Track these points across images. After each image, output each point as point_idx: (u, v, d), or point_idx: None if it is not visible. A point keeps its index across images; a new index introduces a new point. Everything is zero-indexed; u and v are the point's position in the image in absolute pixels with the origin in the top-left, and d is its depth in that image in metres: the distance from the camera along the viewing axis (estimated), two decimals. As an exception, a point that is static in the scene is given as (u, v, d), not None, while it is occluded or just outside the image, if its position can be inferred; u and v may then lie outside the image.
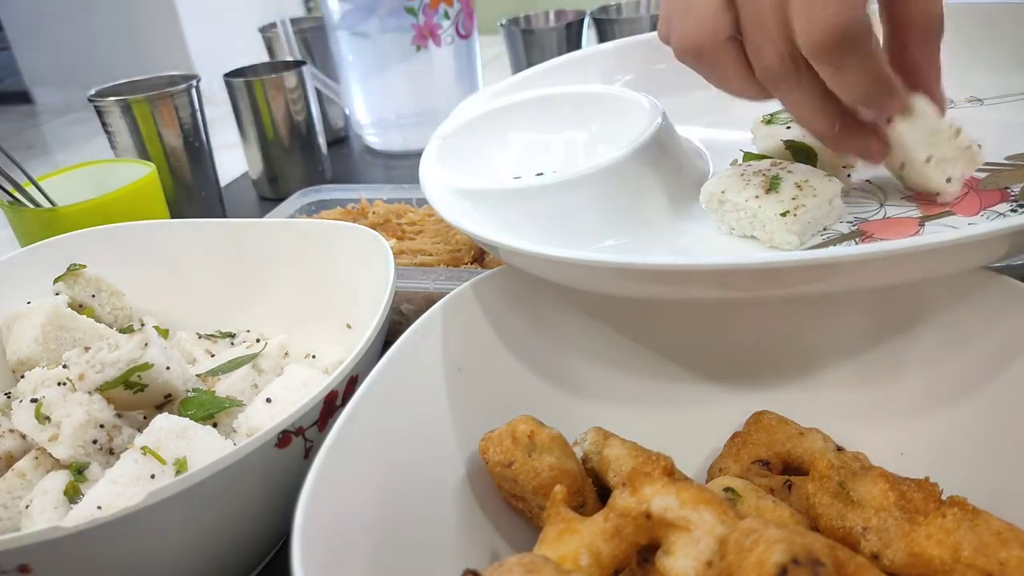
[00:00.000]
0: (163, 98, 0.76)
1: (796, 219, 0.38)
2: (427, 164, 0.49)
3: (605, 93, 0.52)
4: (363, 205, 0.70)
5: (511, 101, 0.54)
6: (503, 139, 0.53)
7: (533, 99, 0.54)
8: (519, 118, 0.53)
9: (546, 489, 0.32)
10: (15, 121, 3.19)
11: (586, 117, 0.52)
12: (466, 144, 0.52)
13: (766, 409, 0.39)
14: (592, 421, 0.38)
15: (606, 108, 0.51)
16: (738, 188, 0.41)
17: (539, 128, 0.53)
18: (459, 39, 0.95)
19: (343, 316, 0.50)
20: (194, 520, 0.32)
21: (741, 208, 0.40)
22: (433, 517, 0.34)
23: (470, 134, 0.52)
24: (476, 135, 0.52)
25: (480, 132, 0.53)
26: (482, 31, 1.01)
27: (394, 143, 1.01)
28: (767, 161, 0.43)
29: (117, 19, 3.05)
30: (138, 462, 0.35)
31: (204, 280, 0.55)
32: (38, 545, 0.28)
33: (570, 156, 0.51)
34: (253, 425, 0.39)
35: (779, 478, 0.34)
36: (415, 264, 0.61)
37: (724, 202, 0.41)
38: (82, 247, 0.53)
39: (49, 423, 0.38)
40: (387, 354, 0.35)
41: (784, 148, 0.44)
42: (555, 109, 0.53)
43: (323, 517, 0.28)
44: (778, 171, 0.41)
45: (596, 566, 0.27)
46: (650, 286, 0.36)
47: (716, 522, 0.26)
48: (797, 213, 0.38)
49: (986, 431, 0.35)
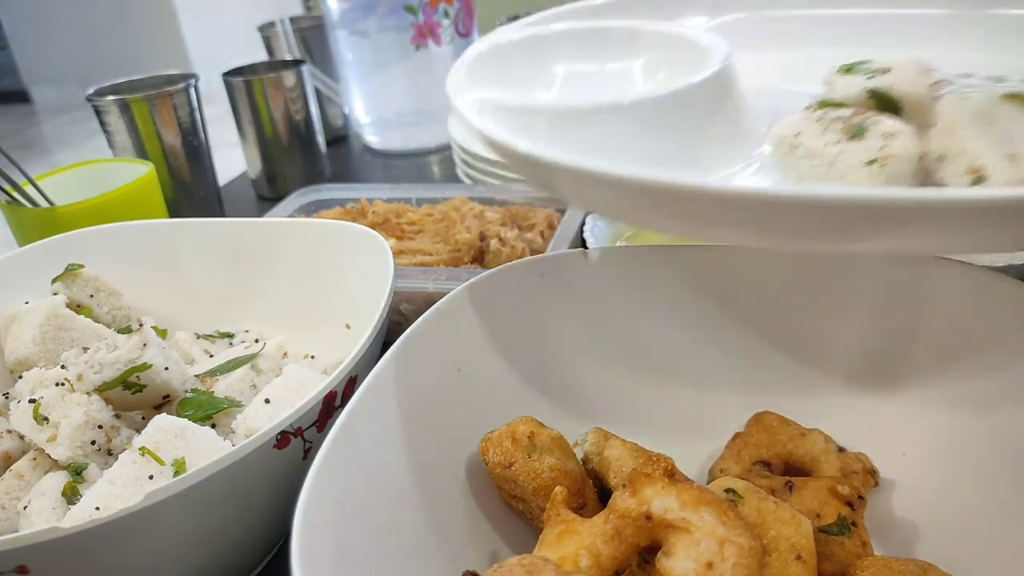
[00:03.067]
0: (161, 97, 0.76)
1: (883, 169, 0.34)
2: (457, 78, 0.43)
3: (665, 31, 0.48)
4: (362, 205, 0.70)
5: (556, 29, 0.49)
6: (545, 68, 0.48)
7: (582, 30, 0.49)
8: (565, 48, 0.48)
9: (546, 490, 0.32)
10: (13, 120, 3.19)
11: (640, 54, 0.47)
12: (503, 66, 0.46)
13: (767, 410, 0.39)
14: (592, 422, 0.38)
15: (664, 46, 0.47)
16: (815, 132, 0.37)
17: (587, 61, 0.48)
18: (459, 38, 0.95)
19: (342, 316, 0.50)
20: (193, 521, 0.32)
21: (818, 154, 0.36)
22: (433, 517, 0.34)
23: (508, 57, 0.47)
24: (515, 59, 0.47)
25: (519, 57, 0.47)
26: (482, 30, 1.01)
27: (393, 142, 1.01)
28: (847, 109, 0.38)
29: (116, 18, 3.05)
30: (136, 463, 0.35)
31: (203, 280, 0.54)
32: (36, 546, 0.28)
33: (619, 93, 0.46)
34: (252, 426, 0.39)
35: (780, 479, 0.34)
36: (415, 264, 0.61)
37: (797, 147, 0.37)
38: (80, 247, 0.53)
39: (47, 424, 0.38)
40: (387, 354, 0.35)
41: (867, 97, 0.39)
42: (607, 43, 0.48)
43: (323, 518, 0.27)
44: (863, 119, 0.37)
45: (596, 567, 0.27)
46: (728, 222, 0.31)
47: (717, 523, 0.26)
48: (886, 163, 0.34)
49: (987, 431, 0.35)
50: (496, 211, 0.66)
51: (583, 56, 0.48)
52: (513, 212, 0.66)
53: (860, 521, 0.33)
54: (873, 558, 0.31)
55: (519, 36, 0.48)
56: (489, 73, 0.44)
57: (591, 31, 0.49)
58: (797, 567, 0.29)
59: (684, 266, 0.41)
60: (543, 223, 0.64)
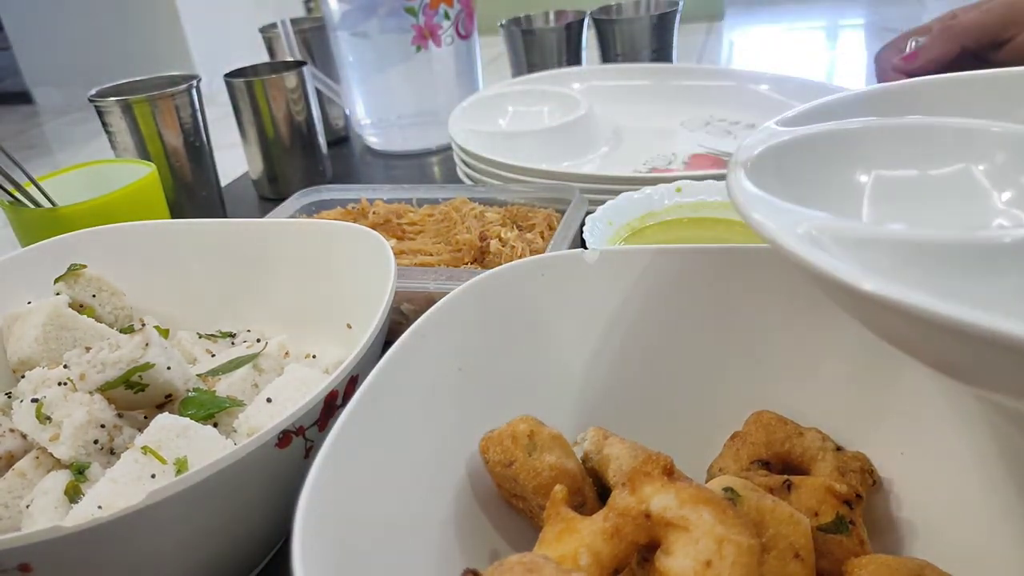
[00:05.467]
0: (164, 98, 0.76)
1: None
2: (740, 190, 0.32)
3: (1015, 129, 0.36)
4: (363, 205, 0.70)
5: (863, 125, 0.39)
6: (842, 172, 0.38)
7: (900, 126, 0.38)
8: (869, 146, 0.38)
9: (546, 489, 0.33)
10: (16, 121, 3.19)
11: (982, 156, 0.37)
12: (786, 169, 0.36)
13: (766, 409, 0.39)
14: (592, 421, 0.38)
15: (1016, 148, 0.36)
16: None
17: (906, 166, 0.37)
18: (459, 39, 0.95)
19: (343, 316, 0.50)
20: (195, 519, 0.32)
21: None
22: (433, 517, 0.34)
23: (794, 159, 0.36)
24: (800, 160, 0.37)
25: (807, 157, 0.37)
26: (482, 31, 1.01)
27: (394, 143, 1.01)
28: None
29: (118, 19, 3.05)
30: (139, 462, 0.35)
31: (205, 280, 0.55)
32: (39, 544, 0.28)
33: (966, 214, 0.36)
34: (253, 425, 0.39)
35: (779, 477, 0.34)
36: (415, 264, 0.61)
37: None
38: (82, 247, 0.53)
39: (50, 423, 0.38)
40: (387, 354, 0.35)
41: None
42: (933, 143, 0.38)
43: (323, 517, 0.28)
44: None
45: (596, 565, 0.27)
46: None
47: (715, 522, 0.26)
48: None
49: (987, 431, 0.35)
50: (496, 211, 0.67)
51: (897, 157, 0.38)
52: (513, 212, 0.67)
53: (858, 520, 0.33)
54: (871, 556, 0.31)
55: (823, 129, 0.38)
56: (773, 182, 0.33)
57: (916, 128, 0.38)
58: (795, 565, 0.29)
59: (684, 266, 0.41)
60: (543, 223, 0.64)
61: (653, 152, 0.85)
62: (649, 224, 0.64)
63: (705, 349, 0.42)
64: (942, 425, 0.36)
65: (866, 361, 0.39)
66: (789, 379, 0.41)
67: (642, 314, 0.42)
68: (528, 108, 0.94)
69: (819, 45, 2.11)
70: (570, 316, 0.42)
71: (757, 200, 0.31)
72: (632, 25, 1.04)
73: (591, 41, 1.09)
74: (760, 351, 0.41)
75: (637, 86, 0.99)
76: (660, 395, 0.42)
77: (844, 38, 2.18)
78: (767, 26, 2.53)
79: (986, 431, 0.35)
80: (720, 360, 0.42)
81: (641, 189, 0.65)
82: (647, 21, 1.03)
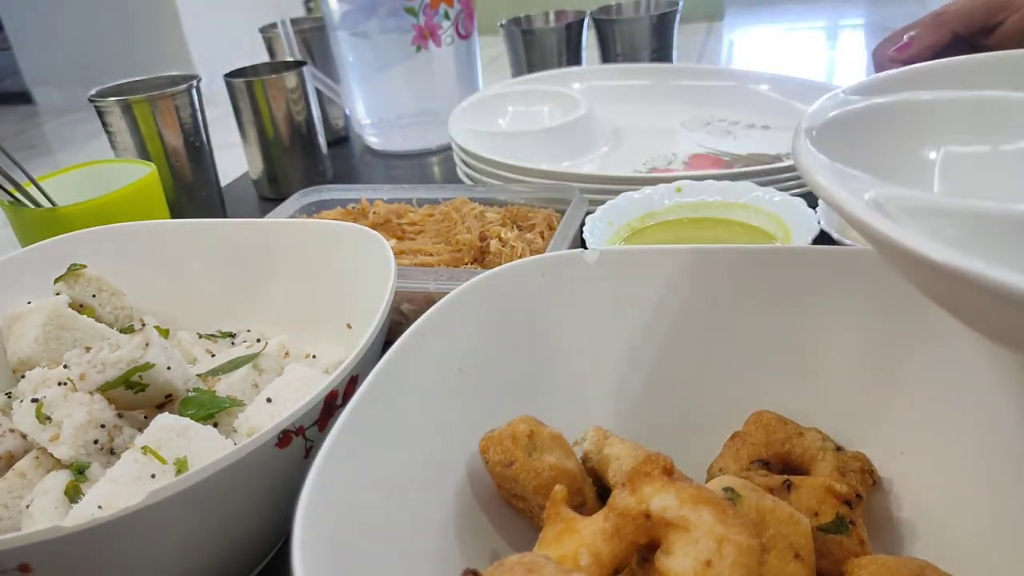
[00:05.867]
0: (164, 98, 0.76)
1: None
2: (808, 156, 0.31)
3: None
4: (363, 205, 0.70)
5: (934, 97, 0.38)
6: (918, 142, 0.37)
7: (973, 99, 0.38)
8: (939, 121, 0.37)
9: (546, 489, 0.33)
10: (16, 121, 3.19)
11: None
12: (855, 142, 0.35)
13: (765, 409, 0.39)
14: (592, 421, 0.38)
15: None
16: None
17: (978, 139, 0.37)
18: (459, 39, 0.95)
19: (343, 316, 0.50)
20: (195, 519, 0.32)
21: None
22: (433, 517, 0.34)
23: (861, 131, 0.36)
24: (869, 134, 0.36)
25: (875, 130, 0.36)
26: (482, 31, 1.01)
27: (394, 143, 1.01)
28: None
29: (118, 19, 3.05)
30: (139, 462, 0.35)
31: (204, 280, 0.55)
32: (38, 544, 0.28)
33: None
34: (253, 425, 0.39)
35: (778, 477, 0.34)
36: (415, 264, 0.61)
37: None
38: (83, 247, 0.53)
39: (50, 423, 0.38)
40: (387, 354, 0.35)
41: None
42: (1008, 116, 0.37)
43: (323, 517, 0.28)
44: None
45: (596, 565, 0.27)
46: None
47: (715, 522, 0.26)
48: None
49: (987, 431, 0.35)
50: (496, 211, 0.67)
51: (967, 132, 0.37)
52: (513, 212, 0.67)
53: (858, 520, 0.33)
54: (871, 556, 0.31)
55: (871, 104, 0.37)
56: (840, 149, 0.33)
57: (981, 100, 0.37)
58: (795, 565, 0.29)
59: (684, 266, 0.41)
60: (543, 223, 0.64)
61: (653, 152, 0.85)
62: (649, 224, 0.64)
63: (705, 349, 0.42)
64: (942, 425, 0.36)
65: (866, 362, 0.39)
66: (789, 379, 0.41)
67: (642, 314, 0.42)
68: (528, 108, 0.95)
69: (819, 45, 2.12)
70: (570, 316, 0.42)
71: (823, 165, 0.30)
72: (632, 25, 1.04)
73: (591, 41, 1.09)
74: (760, 351, 0.41)
75: (637, 86, 0.99)
76: (660, 395, 0.42)
77: (844, 38, 2.18)
78: (767, 26, 2.53)
79: (986, 431, 0.35)
80: (720, 360, 0.42)
81: (641, 189, 0.65)
82: (647, 21, 1.03)
